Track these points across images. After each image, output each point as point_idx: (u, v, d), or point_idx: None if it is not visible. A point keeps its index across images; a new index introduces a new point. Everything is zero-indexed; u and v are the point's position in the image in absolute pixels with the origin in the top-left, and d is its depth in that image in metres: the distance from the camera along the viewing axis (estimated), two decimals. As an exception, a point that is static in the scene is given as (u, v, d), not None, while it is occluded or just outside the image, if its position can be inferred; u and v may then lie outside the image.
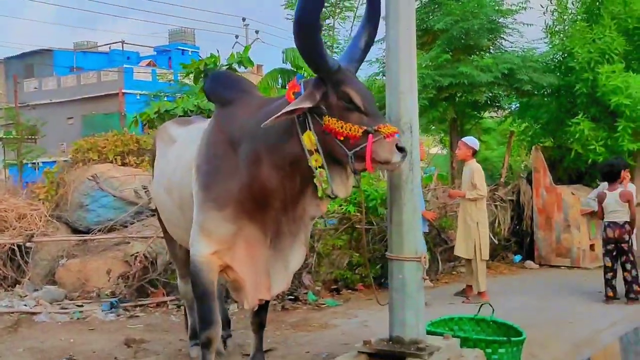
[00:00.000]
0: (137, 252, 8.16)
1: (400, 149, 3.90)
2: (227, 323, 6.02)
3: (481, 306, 5.56)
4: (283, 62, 15.19)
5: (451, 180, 12.30)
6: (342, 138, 3.91)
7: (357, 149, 3.88)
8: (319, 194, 4.11)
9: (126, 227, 9.06)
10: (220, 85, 4.82)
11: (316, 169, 4.00)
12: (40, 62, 44.27)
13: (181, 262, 5.77)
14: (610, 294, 8.04)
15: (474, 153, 8.21)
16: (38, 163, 31.07)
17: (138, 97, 35.76)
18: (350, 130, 3.89)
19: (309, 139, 3.98)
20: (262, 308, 4.85)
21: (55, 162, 21.60)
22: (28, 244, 8.39)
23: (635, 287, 7.97)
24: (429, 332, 4.89)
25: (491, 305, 5.51)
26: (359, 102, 3.96)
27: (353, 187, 4.28)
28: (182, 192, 4.79)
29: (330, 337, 6.37)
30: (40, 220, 8.87)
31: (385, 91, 4.83)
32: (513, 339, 5.04)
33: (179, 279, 6.01)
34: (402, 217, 4.66)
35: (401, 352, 4.53)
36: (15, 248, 8.44)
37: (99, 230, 8.95)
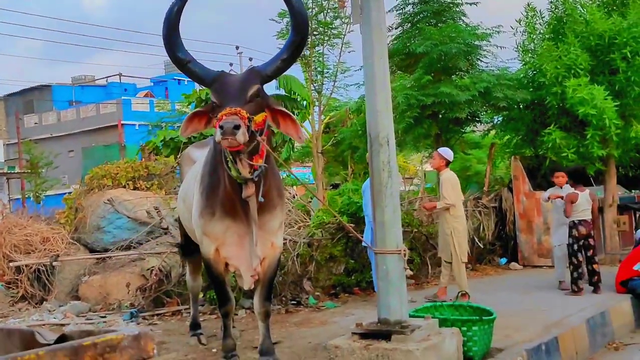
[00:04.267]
0: (153, 267, 8.95)
1: (220, 127, 4.47)
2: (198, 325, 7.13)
3: (458, 294, 6.41)
4: (277, 89, 16.17)
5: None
6: None
7: None
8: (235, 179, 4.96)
9: (141, 244, 9.86)
10: None
11: (228, 161, 4.92)
12: (40, 98, 45.20)
13: (192, 260, 6.95)
14: (579, 288, 8.76)
15: (447, 163, 8.72)
16: (41, 195, 31.91)
17: (137, 128, 36.69)
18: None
19: None
20: (266, 299, 5.71)
21: (62, 193, 22.48)
22: (54, 264, 9.20)
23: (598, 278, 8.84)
24: (412, 317, 5.74)
25: (467, 293, 6.34)
26: (215, 99, 4.89)
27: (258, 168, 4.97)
28: (191, 198, 5.84)
29: (329, 331, 7.12)
30: (62, 243, 9.69)
31: (365, 111, 5.73)
32: (485, 317, 5.88)
33: (188, 275, 7.22)
34: (384, 217, 5.54)
35: (387, 331, 5.39)
36: (42, 268, 9.25)
37: (117, 249, 9.76)
